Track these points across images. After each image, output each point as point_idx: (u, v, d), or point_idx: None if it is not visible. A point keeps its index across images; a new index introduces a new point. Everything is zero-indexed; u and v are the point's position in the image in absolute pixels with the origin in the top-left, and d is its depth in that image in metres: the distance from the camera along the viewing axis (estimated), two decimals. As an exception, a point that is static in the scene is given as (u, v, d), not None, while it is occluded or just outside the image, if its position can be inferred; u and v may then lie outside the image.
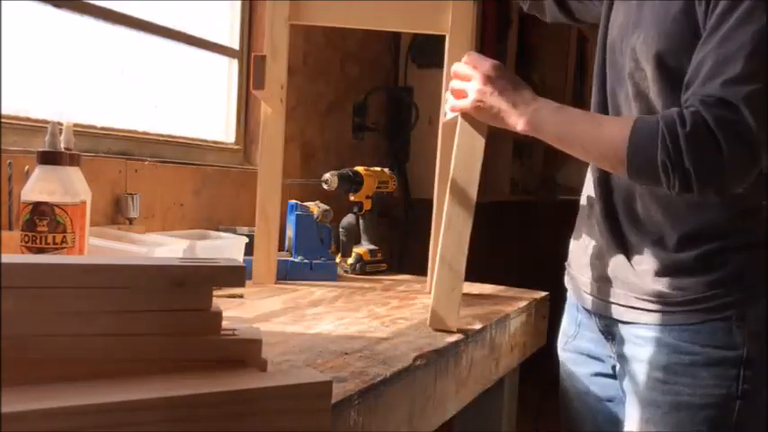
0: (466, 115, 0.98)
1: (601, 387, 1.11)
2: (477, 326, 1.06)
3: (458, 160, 0.98)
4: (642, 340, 0.97)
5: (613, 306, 1.02)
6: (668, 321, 0.94)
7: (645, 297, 0.96)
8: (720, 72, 0.81)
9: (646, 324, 0.97)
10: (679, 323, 0.93)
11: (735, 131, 0.80)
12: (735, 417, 0.91)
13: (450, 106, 1.03)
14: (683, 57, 0.87)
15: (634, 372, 0.98)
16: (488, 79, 0.96)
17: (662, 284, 0.94)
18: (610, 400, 1.09)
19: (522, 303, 1.29)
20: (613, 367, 1.08)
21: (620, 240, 1.00)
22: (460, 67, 1.00)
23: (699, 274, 0.92)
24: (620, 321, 1.01)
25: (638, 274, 0.97)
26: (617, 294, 1.01)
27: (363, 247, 1.60)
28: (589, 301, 1.07)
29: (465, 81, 0.99)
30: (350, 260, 1.58)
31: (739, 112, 0.80)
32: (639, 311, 0.97)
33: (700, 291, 0.92)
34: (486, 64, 0.97)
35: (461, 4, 1.01)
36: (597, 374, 1.11)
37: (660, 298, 0.95)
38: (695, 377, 0.91)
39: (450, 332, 0.98)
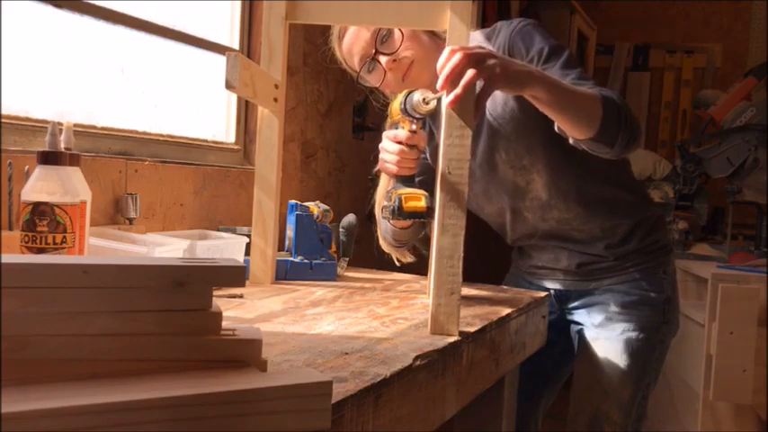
0: (453, 107, 0.97)
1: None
2: (477, 326, 1.06)
3: (446, 156, 0.98)
4: (604, 291, 1.41)
5: (585, 282, 1.43)
6: (628, 279, 1.40)
7: (612, 268, 1.41)
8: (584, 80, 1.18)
9: (611, 283, 1.41)
10: (634, 279, 1.40)
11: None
12: (663, 335, 1.40)
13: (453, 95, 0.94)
14: None
15: (597, 311, 1.41)
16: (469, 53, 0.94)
17: (614, 260, 1.40)
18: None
19: (522, 303, 1.29)
20: (559, 316, 1.50)
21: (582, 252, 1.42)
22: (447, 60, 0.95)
23: (639, 254, 1.39)
24: (588, 289, 1.44)
25: (611, 260, 1.41)
26: (589, 276, 1.42)
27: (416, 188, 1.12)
28: (557, 284, 1.47)
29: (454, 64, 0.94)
30: (424, 201, 1.07)
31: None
32: (608, 278, 1.41)
33: (639, 259, 1.39)
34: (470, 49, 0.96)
35: (460, 2, 1.01)
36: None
37: (623, 266, 1.40)
38: (642, 308, 1.38)
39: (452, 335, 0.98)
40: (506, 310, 1.20)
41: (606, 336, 1.39)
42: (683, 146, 3.09)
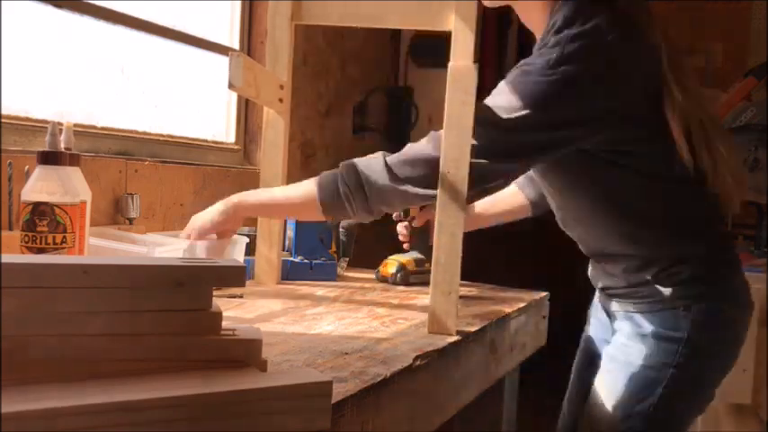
0: (452, 108, 0.98)
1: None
2: (477, 326, 1.06)
3: (447, 156, 0.98)
4: (622, 317, 1.24)
5: (609, 303, 1.27)
6: (638, 310, 1.22)
7: (626, 295, 1.23)
8: None
9: (625, 311, 1.24)
10: (644, 311, 1.21)
11: None
12: (667, 380, 1.17)
13: None
14: None
15: (613, 338, 1.26)
16: None
17: (635, 290, 1.21)
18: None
19: (522, 303, 1.29)
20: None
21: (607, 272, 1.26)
22: None
23: (656, 283, 1.18)
24: (614, 311, 1.27)
25: (623, 286, 1.23)
26: (611, 297, 1.27)
27: (408, 256, 1.47)
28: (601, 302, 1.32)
29: None
30: (391, 269, 1.46)
31: None
32: (623, 303, 1.24)
33: (658, 292, 1.18)
34: None
35: (465, 2, 1.01)
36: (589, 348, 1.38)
37: (635, 296, 1.22)
38: (646, 344, 1.19)
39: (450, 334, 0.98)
40: (506, 310, 1.20)
41: (609, 368, 1.24)
42: (683, 146, 3.08)
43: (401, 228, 1.43)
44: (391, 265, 1.46)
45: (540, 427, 1.82)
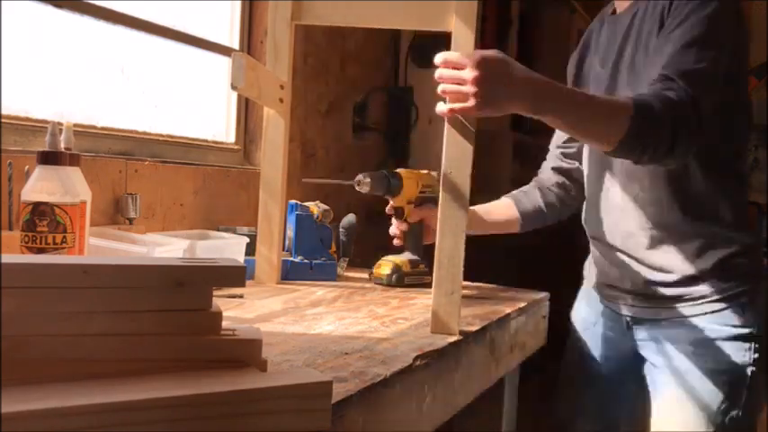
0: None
1: (614, 368, 1.34)
2: (477, 326, 1.06)
3: (448, 156, 0.98)
4: (677, 324, 1.20)
5: (653, 310, 1.24)
6: (697, 312, 1.18)
7: (679, 297, 1.20)
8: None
9: (681, 316, 1.19)
10: (705, 312, 1.17)
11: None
12: (749, 380, 1.15)
13: (447, 109, 0.94)
14: None
15: (669, 349, 1.21)
16: (479, 79, 0.90)
17: (681, 280, 1.19)
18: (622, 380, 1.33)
19: (522, 303, 1.29)
20: (632, 348, 1.30)
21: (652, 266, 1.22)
22: (446, 72, 0.92)
23: (716, 277, 1.17)
24: (657, 318, 1.23)
25: (671, 286, 1.20)
26: (656, 302, 1.23)
27: (403, 257, 1.41)
28: (627, 309, 1.29)
29: (455, 84, 0.92)
30: (385, 270, 1.40)
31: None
32: (673, 309, 1.20)
33: (719, 287, 1.16)
34: (471, 61, 0.90)
35: (465, 3, 1.01)
36: (610, 358, 1.34)
37: (691, 297, 1.19)
38: (717, 347, 1.15)
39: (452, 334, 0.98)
40: (506, 310, 1.20)
41: (675, 381, 1.19)
42: (683, 146, 3.08)
43: (395, 227, 1.40)
44: (385, 266, 1.40)
45: (539, 428, 1.82)
